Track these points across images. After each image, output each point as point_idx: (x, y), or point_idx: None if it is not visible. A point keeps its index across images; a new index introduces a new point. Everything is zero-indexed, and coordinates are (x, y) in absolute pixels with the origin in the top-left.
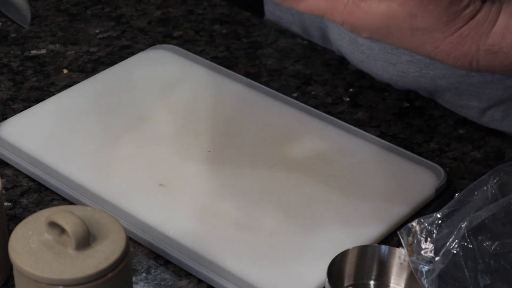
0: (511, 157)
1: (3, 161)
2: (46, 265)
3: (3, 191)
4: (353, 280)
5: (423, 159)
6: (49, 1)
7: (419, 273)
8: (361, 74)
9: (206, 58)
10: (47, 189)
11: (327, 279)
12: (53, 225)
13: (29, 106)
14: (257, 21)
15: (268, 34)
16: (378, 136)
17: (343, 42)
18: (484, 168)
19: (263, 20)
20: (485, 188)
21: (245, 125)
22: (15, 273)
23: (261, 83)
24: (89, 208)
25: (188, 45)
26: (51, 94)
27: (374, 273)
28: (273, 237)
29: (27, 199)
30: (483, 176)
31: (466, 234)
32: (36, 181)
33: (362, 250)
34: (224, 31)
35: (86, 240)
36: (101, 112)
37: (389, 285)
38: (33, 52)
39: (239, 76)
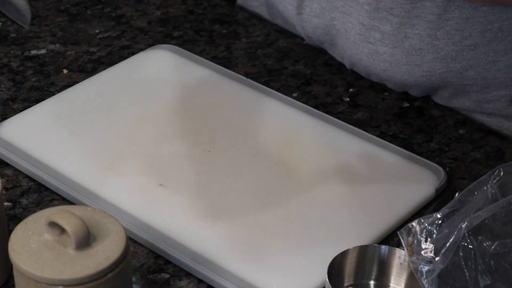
0: (511, 157)
1: (3, 161)
2: (46, 265)
3: (3, 191)
4: (353, 280)
5: (423, 159)
6: (49, 1)
7: (419, 273)
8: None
9: (206, 58)
10: (47, 189)
11: (327, 279)
12: (53, 225)
13: (29, 106)
14: (257, 21)
15: (268, 34)
16: (378, 136)
17: (362, 55)
18: (484, 168)
19: (263, 20)
20: (485, 188)
21: (245, 125)
22: (15, 273)
23: (261, 83)
24: (89, 208)
25: (188, 45)
26: (51, 94)
27: (374, 273)
28: (273, 237)
29: (27, 199)
30: (483, 176)
31: (466, 234)
32: (36, 181)
33: (362, 250)
34: (224, 31)
35: (86, 240)
36: (101, 112)
37: (389, 285)
38: (33, 52)
39: (239, 76)
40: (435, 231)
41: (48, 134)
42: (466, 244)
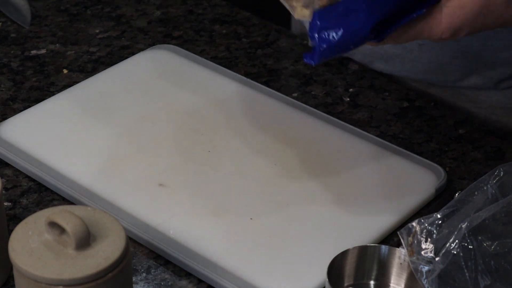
0: (511, 157)
1: (3, 161)
2: (46, 265)
3: (3, 191)
4: (353, 280)
5: (423, 159)
6: (49, 1)
7: (419, 273)
8: (361, 74)
9: (206, 58)
10: (47, 189)
11: (327, 279)
12: (53, 225)
13: (29, 106)
14: (257, 21)
15: (268, 34)
16: (378, 136)
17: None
18: (484, 168)
19: (263, 20)
20: (485, 188)
21: (245, 125)
22: (15, 273)
23: (261, 83)
24: (89, 208)
25: (188, 45)
26: (51, 94)
27: (374, 273)
28: (273, 237)
29: (27, 199)
30: (483, 176)
31: (466, 234)
32: (36, 181)
33: (362, 250)
34: (224, 31)
35: (86, 240)
36: (101, 112)
37: (389, 285)
38: (33, 52)
39: (239, 76)
40: (435, 231)
41: (48, 134)
42: (466, 244)
